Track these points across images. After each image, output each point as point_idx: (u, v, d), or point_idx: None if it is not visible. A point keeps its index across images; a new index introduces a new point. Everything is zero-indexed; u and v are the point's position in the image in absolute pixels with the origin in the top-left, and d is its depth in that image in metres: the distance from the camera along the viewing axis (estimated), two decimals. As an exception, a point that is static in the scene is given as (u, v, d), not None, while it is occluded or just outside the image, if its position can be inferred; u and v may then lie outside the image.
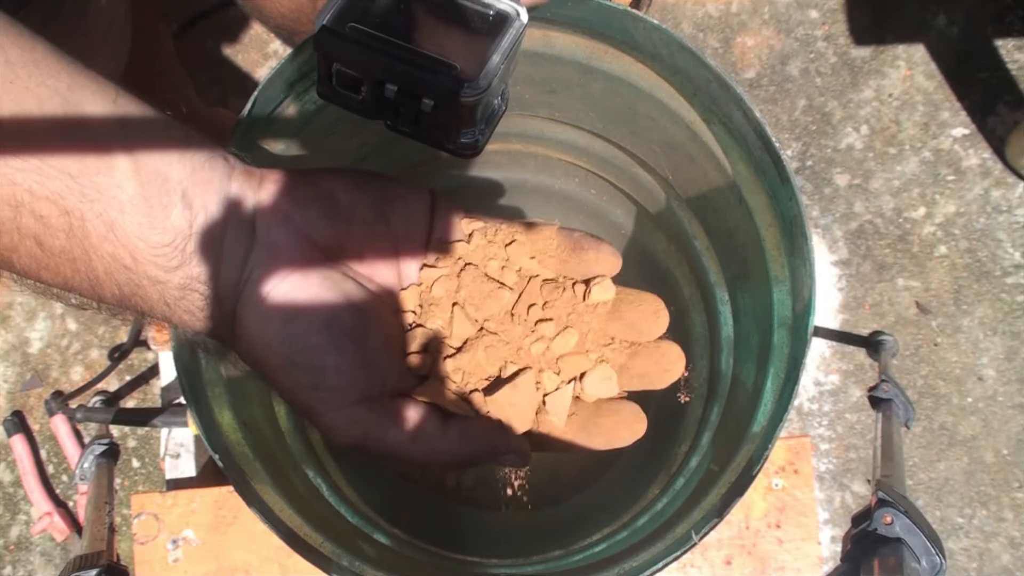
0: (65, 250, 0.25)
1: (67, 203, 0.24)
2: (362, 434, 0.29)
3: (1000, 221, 1.11)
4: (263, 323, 0.28)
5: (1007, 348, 1.09)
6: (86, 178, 0.24)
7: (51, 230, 0.25)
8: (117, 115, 0.26)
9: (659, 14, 1.17)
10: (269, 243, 0.28)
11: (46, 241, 0.25)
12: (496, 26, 0.29)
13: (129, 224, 0.25)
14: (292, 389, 0.29)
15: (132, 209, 0.25)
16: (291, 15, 0.42)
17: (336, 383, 0.29)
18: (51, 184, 0.24)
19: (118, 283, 0.27)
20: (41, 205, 0.24)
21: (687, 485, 0.47)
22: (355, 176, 0.31)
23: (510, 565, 0.50)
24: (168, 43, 0.84)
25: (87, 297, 0.27)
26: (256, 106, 0.38)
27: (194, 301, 0.28)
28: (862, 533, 0.42)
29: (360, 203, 0.31)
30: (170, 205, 0.26)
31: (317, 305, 0.29)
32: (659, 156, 0.51)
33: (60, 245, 0.25)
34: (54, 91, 0.24)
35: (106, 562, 0.42)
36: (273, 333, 0.28)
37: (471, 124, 0.29)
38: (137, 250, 0.26)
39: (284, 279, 0.28)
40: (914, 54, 1.15)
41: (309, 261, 0.29)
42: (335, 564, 0.37)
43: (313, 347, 0.28)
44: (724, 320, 0.52)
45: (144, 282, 0.27)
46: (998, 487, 1.07)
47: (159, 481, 1.13)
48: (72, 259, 0.26)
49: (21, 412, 1.16)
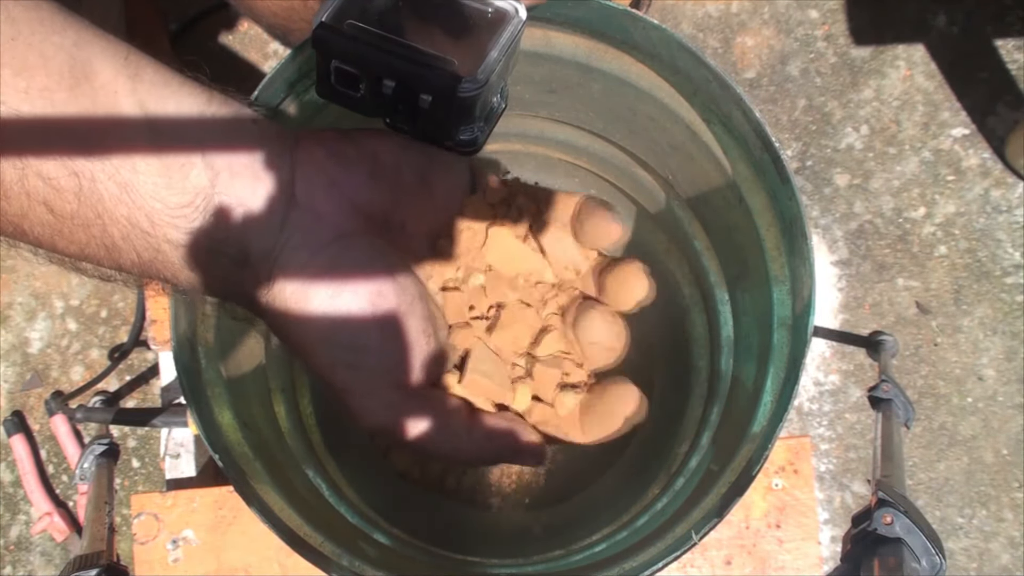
0: (77, 214, 0.24)
1: (76, 163, 0.23)
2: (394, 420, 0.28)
3: (1000, 221, 1.11)
4: (303, 294, 0.26)
5: (1007, 348, 1.09)
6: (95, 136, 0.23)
7: (60, 193, 0.23)
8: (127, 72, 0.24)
9: (659, 14, 1.17)
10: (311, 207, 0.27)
11: (56, 205, 0.23)
12: (495, 23, 0.29)
13: (143, 185, 0.24)
14: (329, 366, 0.27)
15: (146, 169, 0.24)
16: (283, 14, 0.42)
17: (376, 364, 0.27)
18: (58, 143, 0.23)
19: (136, 249, 0.25)
20: (48, 166, 0.23)
21: (687, 485, 0.47)
22: (399, 139, 0.30)
23: (510, 565, 0.50)
24: (165, 44, 0.84)
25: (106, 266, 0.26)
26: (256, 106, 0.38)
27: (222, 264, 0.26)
28: (862, 533, 0.42)
29: (404, 167, 0.29)
30: (188, 164, 0.25)
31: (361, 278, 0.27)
32: (659, 156, 0.51)
33: (71, 209, 0.23)
34: (59, 47, 0.23)
35: (106, 562, 0.42)
36: (315, 306, 0.26)
37: (470, 121, 0.29)
38: (154, 211, 0.24)
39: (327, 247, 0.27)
40: (914, 54, 1.15)
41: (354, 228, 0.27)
42: (335, 564, 0.37)
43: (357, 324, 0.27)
44: (724, 320, 0.52)
45: (164, 246, 0.25)
46: (998, 487, 1.07)
47: (159, 481, 1.13)
48: (86, 224, 0.24)
49: (21, 412, 1.16)
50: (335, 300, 0.26)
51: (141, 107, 0.24)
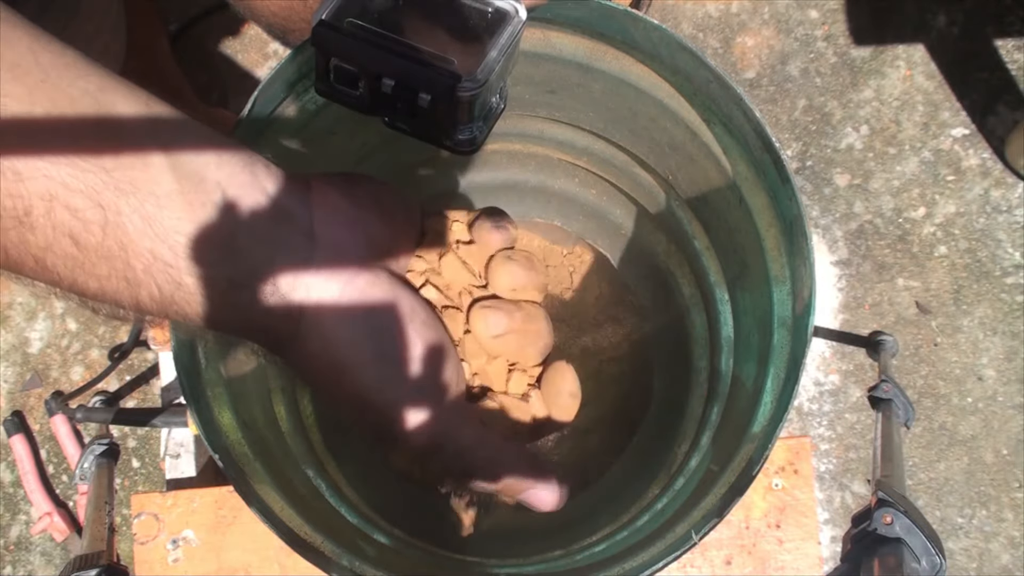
0: (101, 246, 0.24)
1: (102, 197, 0.24)
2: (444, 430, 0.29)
3: (1000, 221, 1.11)
4: (344, 321, 0.28)
5: (1007, 348, 1.09)
6: (121, 172, 0.24)
7: (86, 225, 0.24)
8: (150, 117, 0.25)
9: (659, 14, 1.17)
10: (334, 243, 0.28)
11: (81, 237, 0.24)
12: (495, 23, 0.29)
13: (168, 219, 0.25)
14: (377, 385, 0.28)
15: (170, 203, 0.25)
16: (282, 13, 0.42)
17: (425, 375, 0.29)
18: (85, 178, 0.23)
19: (158, 283, 0.26)
20: (75, 199, 0.23)
21: (687, 485, 0.47)
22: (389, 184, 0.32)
23: (510, 565, 0.50)
24: (164, 44, 0.84)
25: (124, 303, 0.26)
26: (256, 106, 0.38)
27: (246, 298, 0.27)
28: (862, 533, 0.42)
29: (399, 207, 0.32)
30: (210, 203, 0.25)
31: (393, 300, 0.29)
32: (659, 156, 0.51)
33: (96, 241, 0.24)
34: (85, 92, 0.24)
35: (106, 562, 0.42)
36: (358, 329, 0.28)
37: (469, 120, 0.29)
38: (178, 245, 0.25)
39: (356, 276, 0.28)
40: (914, 54, 1.15)
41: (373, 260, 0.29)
42: (335, 564, 0.37)
43: (401, 340, 0.28)
44: (724, 320, 0.52)
45: (186, 279, 0.26)
46: (998, 487, 1.07)
47: (159, 481, 1.13)
48: (109, 256, 0.25)
49: (21, 412, 1.16)
50: (377, 321, 0.28)
51: (163, 149, 0.25)
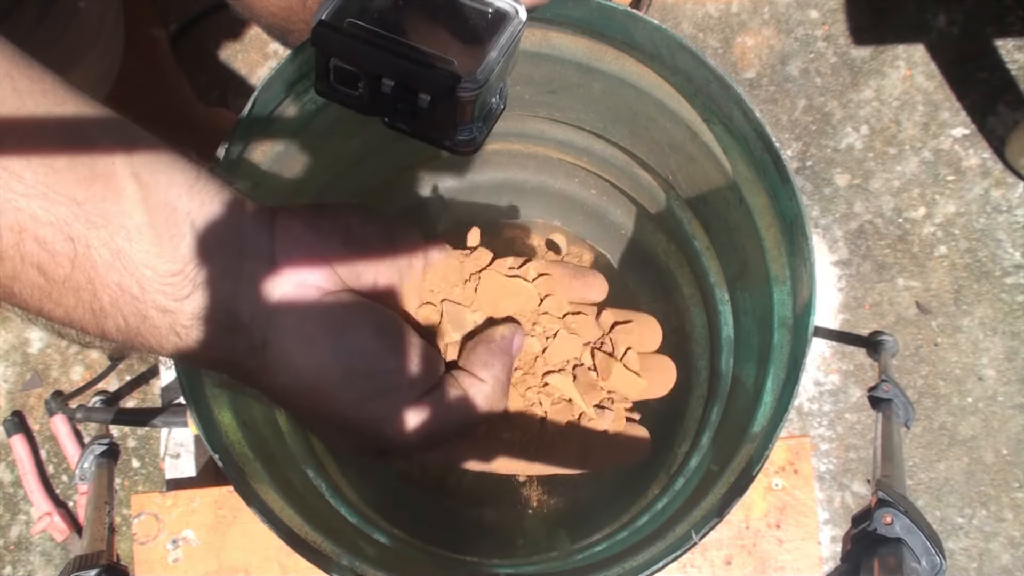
0: (69, 279, 0.25)
1: (72, 229, 0.24)
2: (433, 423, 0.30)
3: (1000, 221, 1.11)
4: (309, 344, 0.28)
5: (1007, 348, 1.09)
6: (92, 205, 0.24)
7: (55, 257, 0.24)
8: (124, 146, 0.25)
9: (659, 14, 1.17)
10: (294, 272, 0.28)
11: (49, 269, 0.24)
12: (495, 24, 0.29)
13: (136, 252, 0.25)
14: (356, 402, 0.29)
15: (139, 237, 0.25)
16: (282, 14, 0.42)
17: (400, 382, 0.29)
18: (56, 210, 0.23)
19: (124, 315, 0.26)
20: (45, 231, 0.24)
21: (687, 485, 0.47)
22: (365, 210, 0.33)
23: (510, 565, 0.50)
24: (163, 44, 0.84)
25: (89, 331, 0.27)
26: (256, 106, 0.38)
27: (209, 331, 0.27)
28: (862, 533, 0.42)
29: (372, 233, 0.32)
30: (179, 235, 0.26)
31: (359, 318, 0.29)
32: (659, 156, 0.51)
33: (64, 273, 0.24)
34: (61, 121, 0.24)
35: (106, 562, 0.42)
36: (325, 351, 0.28)
37: (468, 121, 0.29)
38: (145, 279, 0.25)
39: (318, 302, 0.29)
40: (914, 54, 1.15)
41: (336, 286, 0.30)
42: (335, 564, 0.37)
43: (371, 353, 0.29)
44: (724, 320, 0.52)
45: (152, 312, 0.26)
46: (998, 487, 1.07)
47: (159, 481, 1.13)
48: (76, 289, 0.25)
49: (21, 412, 1.16)
50: (343, 342, 0.29)
51: (136, 179, 0.25)
